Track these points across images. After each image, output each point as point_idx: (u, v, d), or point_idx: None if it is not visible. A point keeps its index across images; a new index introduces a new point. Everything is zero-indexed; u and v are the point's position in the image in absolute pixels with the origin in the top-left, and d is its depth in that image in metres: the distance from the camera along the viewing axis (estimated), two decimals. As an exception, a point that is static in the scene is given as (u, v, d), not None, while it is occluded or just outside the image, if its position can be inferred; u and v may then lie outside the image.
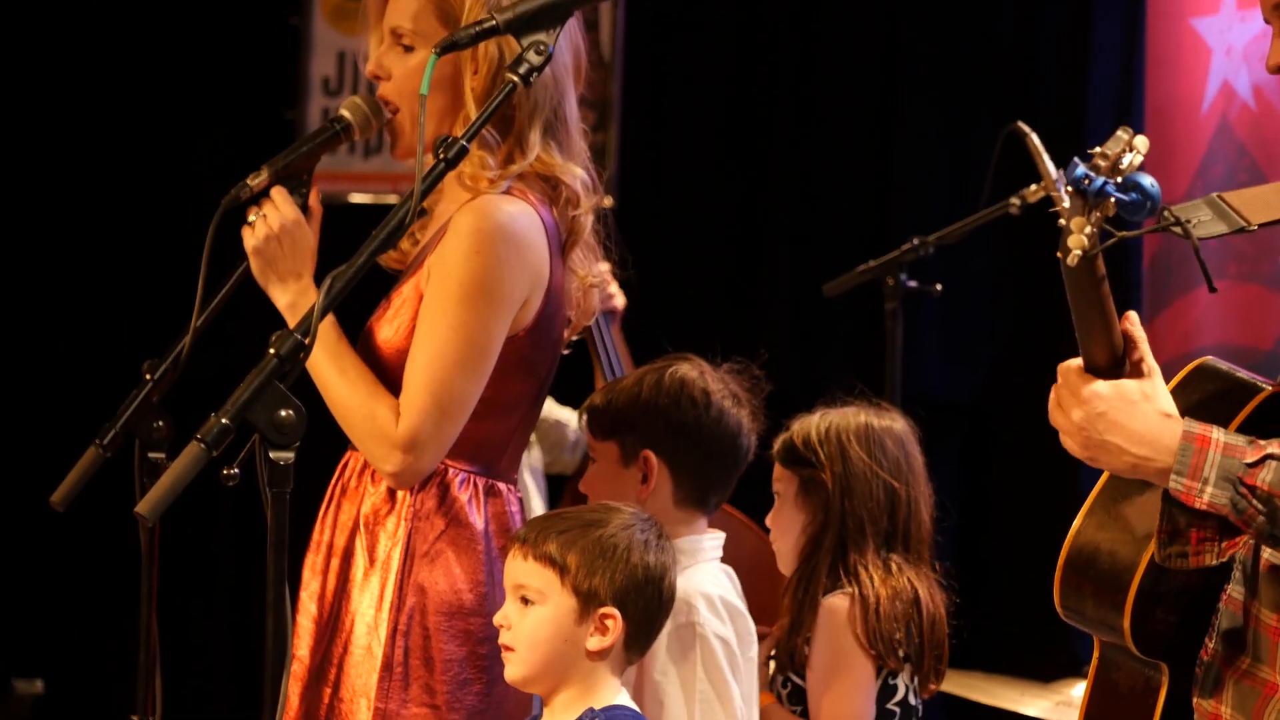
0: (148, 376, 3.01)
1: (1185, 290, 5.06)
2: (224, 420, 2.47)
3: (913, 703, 3.30)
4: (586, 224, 3.15)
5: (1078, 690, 4.20)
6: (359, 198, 6.22)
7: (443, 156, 2.70)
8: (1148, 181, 2.28)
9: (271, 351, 2.53)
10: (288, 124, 6.29)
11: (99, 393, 4.05)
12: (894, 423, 3.38)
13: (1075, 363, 2.48)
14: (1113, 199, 2.27)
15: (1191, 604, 2.63)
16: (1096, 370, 2.46)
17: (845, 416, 3.35)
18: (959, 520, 3.57)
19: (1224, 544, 2.44)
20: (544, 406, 3.24)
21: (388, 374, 3.01)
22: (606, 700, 2.87)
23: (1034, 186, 4.55)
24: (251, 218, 3.03)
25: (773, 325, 5.95)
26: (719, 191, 6.13)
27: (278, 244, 3.02)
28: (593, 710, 2.85)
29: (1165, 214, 2.43)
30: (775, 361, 3.45)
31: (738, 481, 3.34)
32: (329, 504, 3.11)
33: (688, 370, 3.28)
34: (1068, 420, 2.48)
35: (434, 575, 3.01)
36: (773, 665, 3.35)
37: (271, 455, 2.51)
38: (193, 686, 5.97)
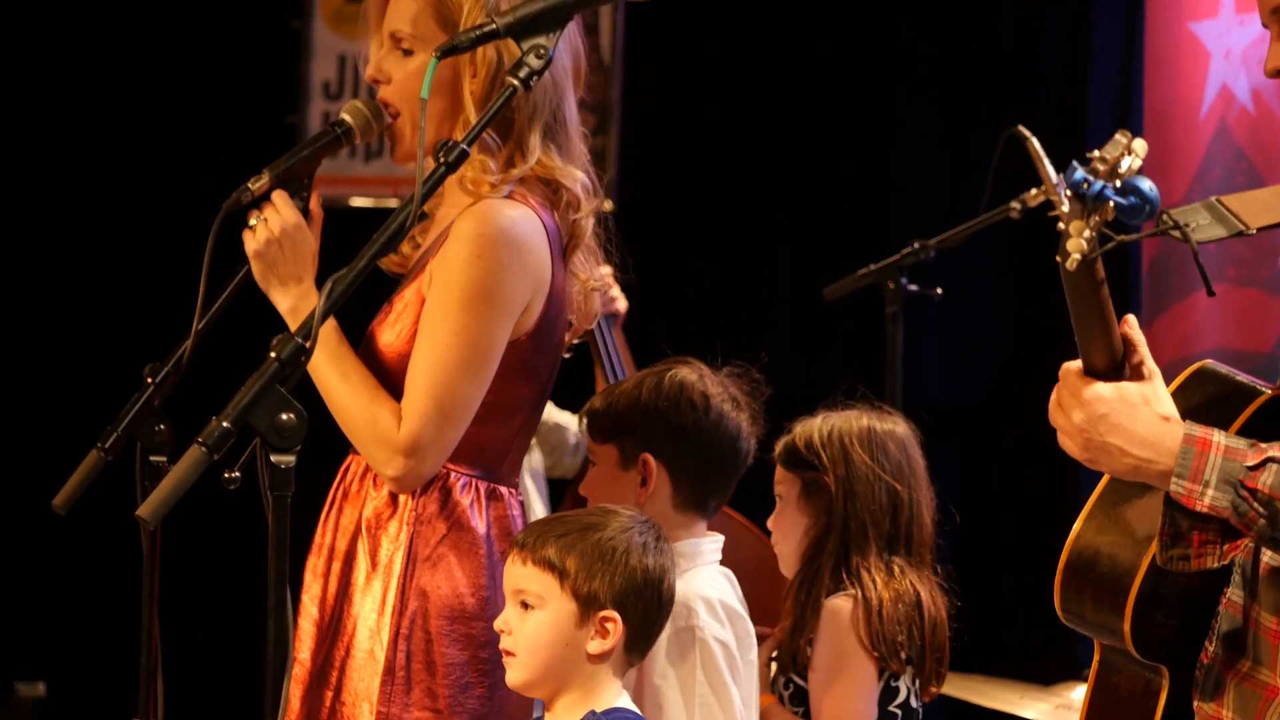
0: (149, 380, 3.01)
1: (1184, 294, 5.06)
2: (225, 424, 2.47)
3: (914, 705, 3.29)
4: (587, 227, 3.15)
5: (1078, 693, 4.20)
6: (360, 201, 6.22)
7: (443, 160, 2.70)
8: (1146, 185, 2.28)
9: (272, 355, 2.53)
10: (288, 128, 6.29)
11: (100, 396, 4.05)
12: (896, 426, 3.37)
13: (1076, 364, 2.48)
14: (1111, 203, 2.27)
15: (1191, 607, 2.63)
16: (1096, 373, 2.46)
17: (848, 419, 3.35)
18: (959, 523, 3.56)
19: (1225, 547, 2.44)
20: (544, 410, 3.25)
21: (389, 378, 3.00)
22: (608, 703, 2.87)
23: (1034, 190, 4.54)
24: (252, 221, 3.03)
25: (773, 328, 5.95)
26: (719, 194, 6.12)
27: (279, 248, 3.02)
28: (595, 713, 2.85)
29: (1164, 218, 2.43)
30: (775, 364, 3.44)
31: (738, 484, 3.34)
32: (330, 507, 3.11)
33: (687, 374, 3.27)
34: (1068, 421, 2.47)
35: (436, 579, 3.01)
36: (774, 667, 3.35)
37: (273, 458, 2.50)
38: (194, 689, 5.97)
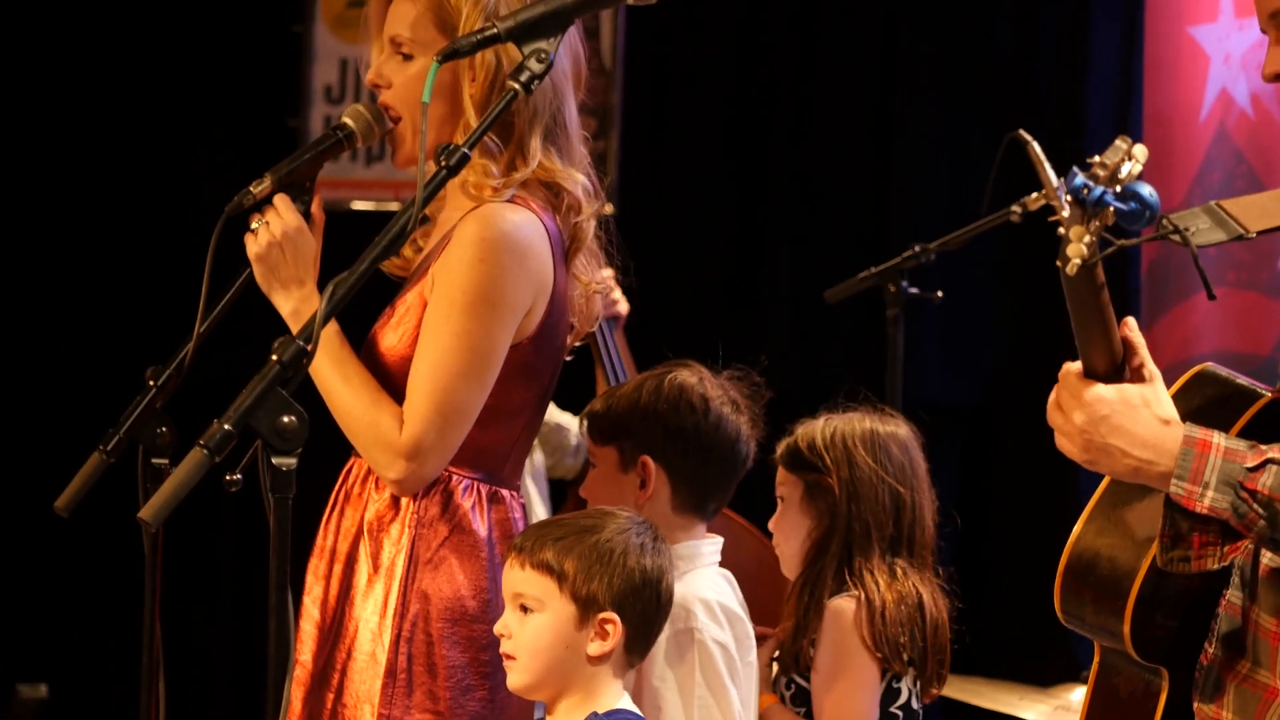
0: (151, 382, 3.01)
1: (1183, 297, 5.07)
2: (227, 426, 2.46)
3: (915, 707, 3.29)
4: (589, 230, 3.15)
5: (1076, 695, 4.21)
6: (361, 205, 6.22)
7: (444, 164, 2.71)
8: (1146, 191, 2.28)
9: (274, 358, 2.52)
10: (290, 131, 6.29)
11: (102, 398, 4.06)
12: (898, 428, 3.37)
13: (1076, 366, 2.48)
14: (1112, 208, 2.28)
15: (1191, 609, 2.63)
16: (1097, 376, 2.46)
17: (850, 422, 3.35)
18: (959, 525, 3.57)
19: (1226, 548, 2.44)
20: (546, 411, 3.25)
21: (391, 381, 3.01)
22: (610, 704, 2.87)
23: (1035, 194, 4.51)
24: (254, 225, 3.03)
25: (773, 331, 5.95)
26: (720, 197, 6.12)
27: (280, 251, 3.02)
28: (597, 715, 2.84)
29: (1164, 222, 2.44)
30: (776, 367, 3.44)
31: (739, 486, 3.35)
32: (332, 509, 3.12)
33: (687, 376, 3.28)
34: (1068, 422, 2.48)
35: (437, 582, 3.01)
36: (775, 667, 3.35)
37: (274, 461, 2.50)
38: (196, 691, 5.97)
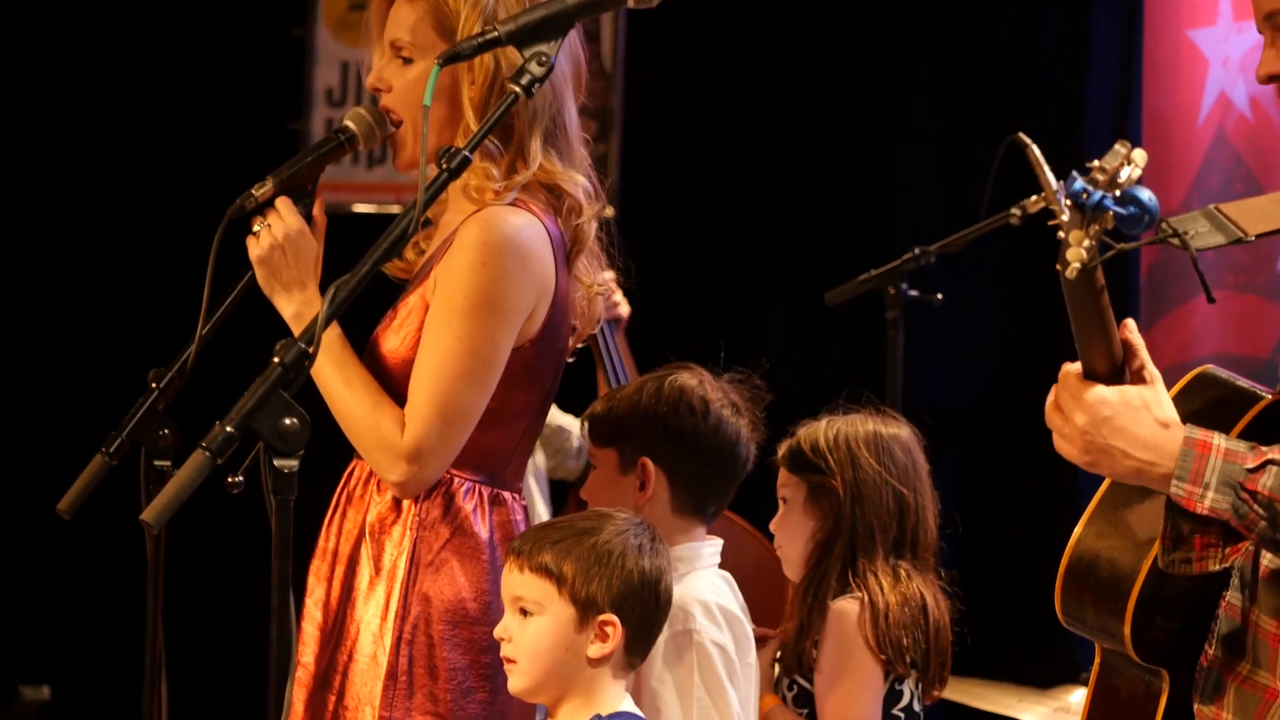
0: (153, 385, 3.01)
1: (1182, 300, 5.07)
2: (229, 428, 2.46)
3: (916, 709, 3.30)
4: (590, 232, 3.15)
5: (1076, 697, 4.21)
6: (362, 208, 6.23)
7: (445, 167, 2.71)
8: (1146, 195, 2.28)
9: (276, 360, 2.52)
10: (292, 134, 6.30)
11: (104, 401, 4.06)
12: (900, 430, 3.37)
13: (1076, 367, 2.48)
14: (1111, 213, 2.28)
15: (1191, 610, 2.64)
16: (1096, 379, 2.46)
17: (853, 424, 3.35)
18: (959, 527, 3.57)
19: (1227, 550, 2.44)
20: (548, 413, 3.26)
21: (393, 384, 3.01)
22: (612, 706, 2.86)
23: (1034, 197, 4.52)
24: (256, 228, 3.04)
25: (774, 333, 5.95)
26: (720, 199, 6.13)
27: (282, 254, 3.03)
28: (600, 717, 2.84)
29: (1163, 226, 2.44)
30: (776, 369, 3.44)
31: (740, 488, 3.35)
32: (334, 512, 3.12)
33: (688, 379, 3.28)
34: (1067, 424, 2.47)
35: (439, 584, 3.01)
36: (777, 668, 3.36)
37: (276, 463, 2.50)
38: (198, 692, 5.97)
